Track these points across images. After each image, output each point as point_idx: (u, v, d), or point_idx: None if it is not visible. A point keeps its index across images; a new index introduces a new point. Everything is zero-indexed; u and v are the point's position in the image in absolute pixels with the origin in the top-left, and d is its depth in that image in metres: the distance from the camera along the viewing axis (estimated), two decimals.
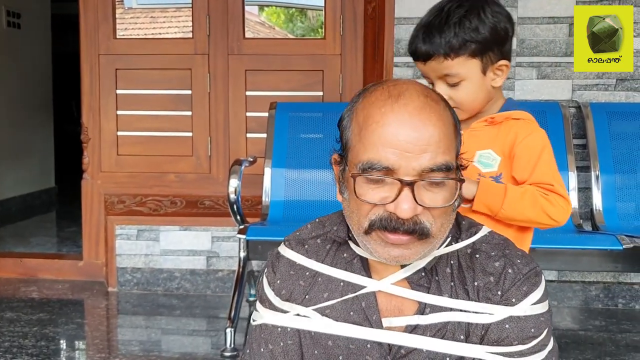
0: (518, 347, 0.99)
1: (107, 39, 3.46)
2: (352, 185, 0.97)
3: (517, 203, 1.40)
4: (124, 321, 3.10)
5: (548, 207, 1.41)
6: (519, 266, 1.02)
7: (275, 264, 1.12)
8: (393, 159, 0.93)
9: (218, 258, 3.34)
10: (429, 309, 1.02)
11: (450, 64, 1.40)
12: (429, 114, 0.95)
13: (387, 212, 0.95)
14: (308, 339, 1.06)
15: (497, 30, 1.41)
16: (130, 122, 3.49)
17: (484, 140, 1.46)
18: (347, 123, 1.02)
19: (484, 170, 1.46)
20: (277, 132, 3.09)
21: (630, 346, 2.67)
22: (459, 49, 1.39)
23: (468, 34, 1.38)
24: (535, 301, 1.01)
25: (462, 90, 1.42)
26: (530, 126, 1.45)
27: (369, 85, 1.03)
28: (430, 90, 1.01)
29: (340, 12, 3.35)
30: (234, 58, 3.41)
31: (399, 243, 0.96)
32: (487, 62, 1.42)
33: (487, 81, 1.44)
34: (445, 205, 0.96)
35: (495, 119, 1.46)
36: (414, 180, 0.94)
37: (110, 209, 3.45)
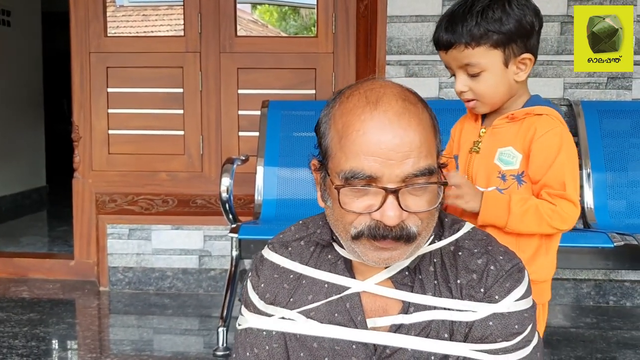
0: (502, 343, 0.99)
1: (97, 37, 3.44)
2: (337, 196, 0.96)
3: (521, 219, 1.38)
4: (116, 321, 3.08)
5: (555, 222, 1.38)
6: (501, 263, 1.02)
7: (259, 267, 1.11)
8: (376, 167, 0.93)
9: (210, 257, 3.33)
10: (413, 308, 1.02)
11: (471, 53, 1.37)
12: (409, 118, 0.95)
13: (374, 220, 0.95)
14: (293, 341, 1.06)
15: (522, 24, 1.37)
16: (121, 121, 3.47)
17: (505, 137, 1.43)
18: (325, 130, 1.00)
19: (505, 168, 1.42)
20: (270, 130, 3.08)
21: (621, 343, 2.68)
22: (480, 38, 1.36)
23: (491, 24, 1.36)
24: (519, 297, 1.01)
25: (483, 82, 1.39)
26: (551, 123, 1.40)
27: (344, 89, 1.02)
28: (408, 91, 1.00)
29: (332, 11, 3.34)
30: (225, 56, 3.39)
31: (387, 247, 0.96)
32: (509, 54, 1.38)
33: (509, 74, 1.40)
34: (430, 208, 0.97)
35: (515, 115, 1.42)
36: (398, 188, 0.93)
37: (102, 208, 3.44)
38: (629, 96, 3.07)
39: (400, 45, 3.16)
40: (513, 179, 1.42)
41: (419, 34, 3.14)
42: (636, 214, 2.82)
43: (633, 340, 2.72)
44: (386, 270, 1.03)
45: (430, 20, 3.12)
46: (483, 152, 1.45)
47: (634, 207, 2.84)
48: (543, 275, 1.45)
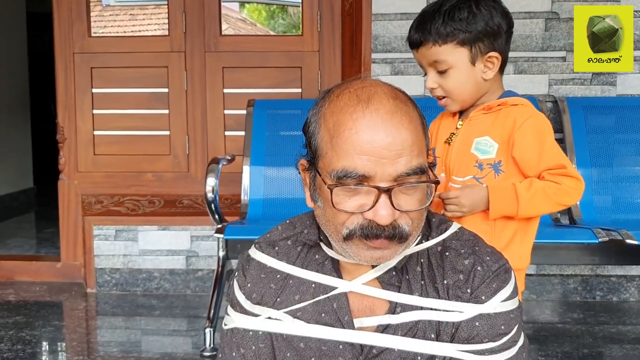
0: (489, 344, 0.99)
1: (81, 38, 3.42)
2: (329, 196, 0.95)
3: (531, 203, 1.42)
4: (103, 322, 3.06)
5: (562, 198, 1.44)
6: (488, 263, 1.02)
7: (245, 267, 1.11)
8: (369, 166, 0.92)
9: (197, 257, 3.32)
10: (400, 308, 1.02)
11: (438, 50, 1.44)
12: (401, 117, 0.94)
13: (366, 219, 0.94)
14: (280, 341, 1.06)
15: (489, 24, 1.43)
16: (106, 121, 3.45)
17: (480, 127, 1.48)
18: (314, 129, 0.99)
19: (482, 157, 1.47)
20: (256, 129, 3.07)
21: (608, 338, 2.70)
22: (446, 36, 1.43)
23: (457, 23, 1.42)
24: (505, 298, 1.01)
25: (450, 78, 1.45)
26: (527, 111, 1.46)
27: (333, 88, 1.01)
28: (397, 90, 1.00)
29: (317, 9, 3.33)
30: (211, 55, 3.38)
31: (380, 247, 0.96)
32: (476, 52, 1.44)
33: (477, 72, 1.45)
34: (421, 207, 0.96)
35: (490, 105, 1.48)
36: (390, 187, 0.93)
37: (88, 209, 3.41)
38: (614, 92, 3.09)
39: (386, 43, 3.16)
40: (490, 168, 1.47)
41: (404, 32, 3.11)
42: (621, 209, 2.84)
43: (619, 334, 2.74)
44: (373, 270, 1.03)
45: (414, 18, 3.12)
46: (459, 143, 1.50)
47: (619, 203, 2.85)
48: (515, 263, 1.47)
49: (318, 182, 0.99)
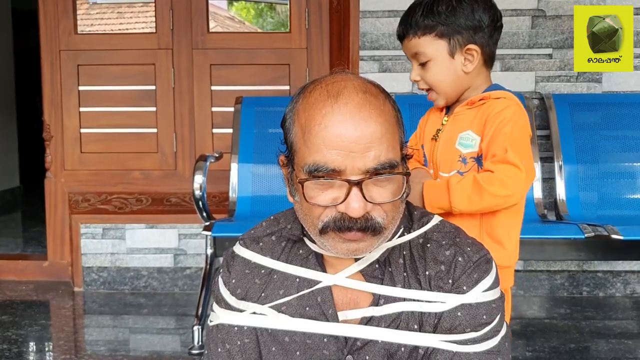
0: (471, 334, 1.00)
1: (67, 35, 3.39)
2: (301, 190, 0.97)
3: (461, 194, 1.40)
4: (91, 321, 3.05)
5: (495, 188, 1.37)
6: (469, 254, 1.03)
7: (230, 263, 1.11)
8: (339, 160, 0.93)
9: (185, 255, 3.31)
10: (383, 300, 1.03)
11: (417, 42, 1.47)
12: (370, 110, 0.95)
13: (339, 212, 0.96)
14: (265, 336, 1.06)
15: (469, 18, 1.45)
16: (93, 119, 3.43)
17: (464, 122, 1.49)
18: (289, 125, 1.01)
19: (465, 151, 1.48)
20: (244, 127, 3.07)
21: (594, 332, 2.72)
22: (425, 28, 1.45)
23: (436, 15, 1.44)
24: (487, 288, 1.02)
25: (430, 70, 1.48)
26: (505, 102, 1.45)
27: (308, 84, 1.03)
28: (369, 83, 1.01)
29: (305, 6, 3.33)
30: (198, 52, 3.37)
31: (354, 239, 0.97)
32: (454, 44, 1.45)
33: (456, 65, 1.47)
34: (394, 199, 0.97)
35: (472, 100, 1.49)
36: (361, 180, 0.94)
37: (75, 207, 3.40)
38: (599, 89, 3.11)
39: (374, 41, 3.17)
40: (473, 162, 1.47)
41: (391, 29, 3.15)
42: (607, 205, 2.86)
43: (605, 329, 2.76)
44: (357, 264, 1.04)
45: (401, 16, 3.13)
46: (445, 139, 1.52)
47: (605, 199, 2.88)
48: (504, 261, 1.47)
49: (294, 177, 1.00)
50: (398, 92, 3.14)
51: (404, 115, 3.42)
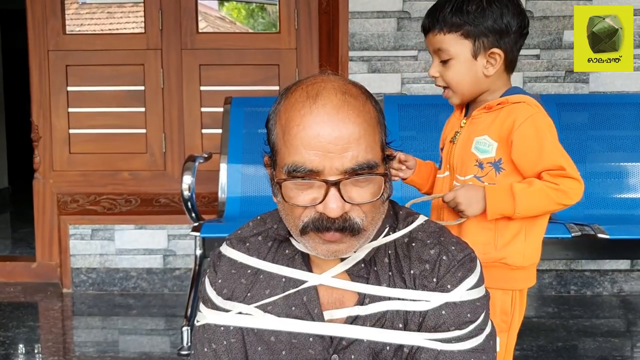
0: (455, 332, 1.01)
1: (56, 35, 3.38)
2: (281, 190, 0.98)
3: (527, 201, 1.41)
4: (79, 322, 3.04)
5: (561, 198, 1.42)
6: (453, 253, 1.04)
7: (216, 263, 1.11)
8: (317, 160, 0.94)
9: (175, 256, 3.31)
10: (368, 300, 1.03)
11: (442, 39, 1.46)
12: (348, 111, 0.95)
13: (318, 213, 0.96)
14: (251, 336, 1.06)
15: (497, 22, 1.44)
16: (82, 120, 3.42)
17: (480, 126, 1.48)
18: (272, 126, 1.02)
19: (481, 156, 1.47)
20: (233, 127, 3.06)
21: (581, 331, 2.74)
22: (451, 26, 1.44)
23: (464, 15, 1.43)
24: (471, 286, 1.02)
25: (451, 69, 1.47)
26: (528, 109, 1.44)
27: (291, 84, 1.03)
28: (350, 84, 1.01)
29: (294, 7, 3.34)
30: (187, 53, 3.36)
31: (333, 240, 0.97)
32: (479, 46, 1.45)
33: (478, 67, 1.46)
34: (373, 200, 0.98)
35: (490, 104, 1.48)
36: (339, 180, 0.94)
37: (63, 208, 3.38)
38: (586, 89, 3.14)
39: (363, 41, 3.17)
40: (490, 167, 1.47)
41: (380, 30, 3.16)
42: (594, 205, 2.88)
43: (592, 328, 2.79)
44: (342, 264, 1.04)
45: (391, 16, 3.14)
46: (461, 142, 1.51)
47: (591, 198, 2.89)
48: (518, 260, 1.49)
49: (275, 178, 1.01)
50: (387, 93, 3.16)
51: (392, 116, 3.43)
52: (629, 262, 3.17)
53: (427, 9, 3.21)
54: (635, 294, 3.17)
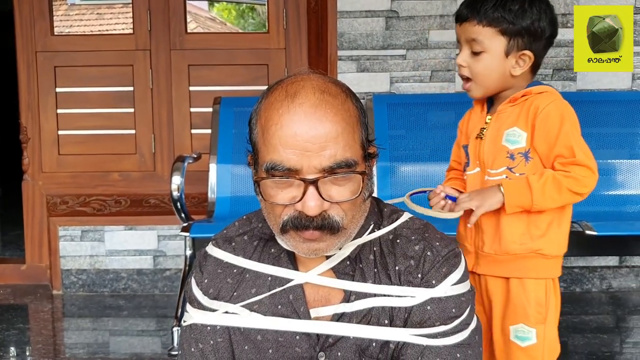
0: (441, 327, 1.01)
1: (44, 36, 3.37)
2: (260, 189, 0.99)
3: (542, 192, 1.44)
4: (70, 324, 3.03)
5: (573, 185, 1.45)
6: (437, 248, 1.04)
7: (202, 263, 1.12)
8: (295, 159, 0.94)
9: (165, 257, 3.30)
10: (354, 297, 1.04)
11: (479, 30, 1.48)
12: (325, 110, 0.96)
13: (297, 211, 0.97)
14: (238, 335, 1.07)
15: (534, 24, 1.47)
16: (71, 121, 3.40)
17: (509, 119, 1.52)
18: (253, 124, 1.03)
19: (512, 147, 1.50)
20: (222, 127, 3.06)
21: (571, 327, 2.76)
22: (491, 20, 1.47)
23: (506, 12, 1.46)
24: (456, 281, 1.03)
25: (481, 62, 1.49)
26: (550, 97, 1.49)
27: (273, 83, 1.04)
28: (331, 83, 1.01)
29: (283, 6, 3.34)
30: (176, 53, 3.36)
31: (312, 238, 0.98)
32: (512, 45, 1.48)
33: (507, 65, 1.49)
34: (352, 198, 0.98)
35: (515, 96, 1.51)
36: (317, 178, 0.95)
37: (53, 210, 3.37)
38: (574, 87, 3.16)
39: (351, 41, 3.18)
40: (521, 157, 1.50)
41: (369, 29, 3.16)
42: (582, 202, 2.88)
43: (582, 324, 2.80)
44: (328, 261, 1.05)
45: (379, 16, 3.15)
46: (490, 136, 1.54)
47: None
48: (555, 249, 1.53)
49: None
50: (376, 92, 3.16)
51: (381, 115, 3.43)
52: (617, 259, 3.20)
53: (415, 8, 3.19)
54: (623, 290, 3.19)
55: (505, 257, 1.53)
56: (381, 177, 2.91)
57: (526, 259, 1.51)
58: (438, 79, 3.16)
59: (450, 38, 3.12)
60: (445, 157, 2.99)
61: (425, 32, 3.14)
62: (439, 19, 3.13)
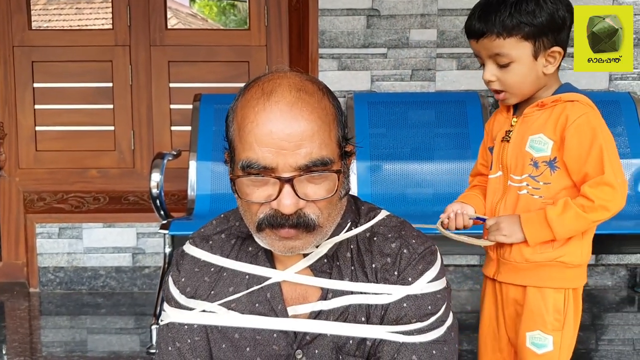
0: (417, 324, 1.02)
1: (21, 30, 3.32)
2: (236, 186, 0.98)
3: (564, 227, 1.40)
4: (47, 322, 3.00)
5: (599, 215, 1.39)
6: (414, 246, 1.05)
7: (179, 262, 1.11)
8: (270, 157, 0.94)
9: (144, 254, 3.28)
10: (331, 294, 1.04)
11: (501, 44, 1.40)
12: (301, 108, 0.96)
13: (272, 209, 0.97)
14: (215, 333, 1.07)
15: (554, 17, 1.41)
16: (49, 117, 3.37)
17: (535, 124, 1.45)
18: (230, 122, 1.02)
19: (536, 155, 1.44)
20: (202, 124, 3.04)
21: None
22: (512, 29, 1.39)
23: (524, 16, 1.39)
24: (432, 279, 1.04)
25: (511, 73, 1.42)
26: (582, 108, 1.42)
27: (250, 81, 1.04)
28: (307, 81, 1.01)
29: (264, 3, 3.33)
30: (156, 49, 3.33)
31: (288, 236, 0.98)
32: (539, 46, 1.41)
33: (538, 67, 1.43)
34: (328, 196, 0.98)
35: (544, 102, 1.45)
36: (292, 177, 0.95)
37: (30, 207, 3.33)
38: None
39: (332, 39, 3.18)
40: (545, 166, 1.44)
41: (350, 27, 3.17)
42: None
43: None
44: (305, 259, 1.05)
45: (361, 14, 3.16)
46: (515, 140, 1.48)
47: None
48: (577, 258, 1.48)
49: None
50: (357, 90, 3.17)
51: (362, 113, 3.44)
52: (593, 257, 3.24)
53: (396, 6, 3.18)
54: (599, 288, 3.24)
55: (525, 264, 1.48)
56: (362, 176, 2.92)
57: (546, 267, 1.47)
58: (419, 78, 3.18)
59: (431, 37, 3.14)
60: (426, 155, 3.04)
61: (406, 30, 3.15)
62: (420, 18, 3.14)
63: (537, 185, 1.45)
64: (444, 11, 3.12)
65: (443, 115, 3.08)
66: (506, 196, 1.51)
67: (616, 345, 2.60)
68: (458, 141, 2.98)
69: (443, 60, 3.15)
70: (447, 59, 3.15)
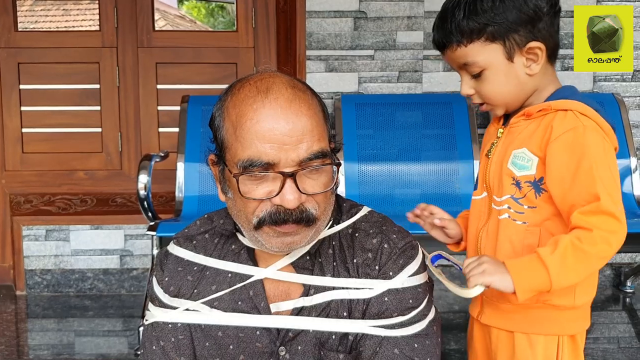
0: (398, 318, 1.03)
1: (7, 32, 3.31)
2: (236, 185, 0.98)
3: (564, 268, 1.09)
4: (34, 325, 2.98)
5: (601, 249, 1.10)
6: (394, 241, 1.06)
7: (163, 262, 1.12)
8: (272, 153, 0.95)
9: (132, 256, 3.27)
10: (313, 290, 1.05)
11: (464, 52, 1.19)
12: (300, 104, 0.98)
13: (274, 205, 0.97)
14: (199, 332, 1.07)
15: (523, 10, 1.17)
16: (35, 119, 3.35)
17: (520, 137, 1.21)
18: (219, 123, 1.02)
19: (519, 173, 1.19)
20: (190, 126, 3.05)
21: None
22: (471, 33, 1.17)
23: (481, 15, 1.17)
24: (412, 273, 1.05)
25: (486, 82, 1.19)
26: (572, 121, 1.14)
27: (234, 82, 1.05)
28: (296, 80, 1.03)
29: (252, 5, 3.33)
30: (143, 51, 3.33)
31: (289, 232, 0.99)
32: (511, 46, 1.18)
33: (517, 69, 1.19)
34: (326, 190, 1.00)
35: (530, 111, 1.20)
36: (295, 171, 0.96)
37: (17, 209, 3.31)
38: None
39: (320, 41, 3.19)
40: (529, 187, 1.19)
41: (337, 29, 3.18)
42: None
43: None
44: (288, 257, 1.06)
45: (348, 16, 3.17)
46: (497, 156, 1.25)
47: None
48: (568, 299, 1.21)
49: (227, 174, 1.02)
50: (345, 92, 3.18)
51: (350, 115, 3.46)
52: None
53: (383, 8, 3.21)
54: None
55: (510, 306, 1.21)
56: (349, 177, 2.93)
57: (534, 309, 1.19)
58: (406, 80, 3.20)
59: (418, 39, 3.16)
60: (413, 156, 3.05)
61: (393, 32, 3.17)
62: (407, 20, 3.16)
63: (520, 209, 1.19)
64: (430, 13, 3.14)
65: (430, 117, 3.10)
66: (489, 222, 1.25)
67: (601, 344, 2.63)
68: (445, 142, 3.00)
69: (430, 62, 3.17)
70: (434, 61, 3.17)
